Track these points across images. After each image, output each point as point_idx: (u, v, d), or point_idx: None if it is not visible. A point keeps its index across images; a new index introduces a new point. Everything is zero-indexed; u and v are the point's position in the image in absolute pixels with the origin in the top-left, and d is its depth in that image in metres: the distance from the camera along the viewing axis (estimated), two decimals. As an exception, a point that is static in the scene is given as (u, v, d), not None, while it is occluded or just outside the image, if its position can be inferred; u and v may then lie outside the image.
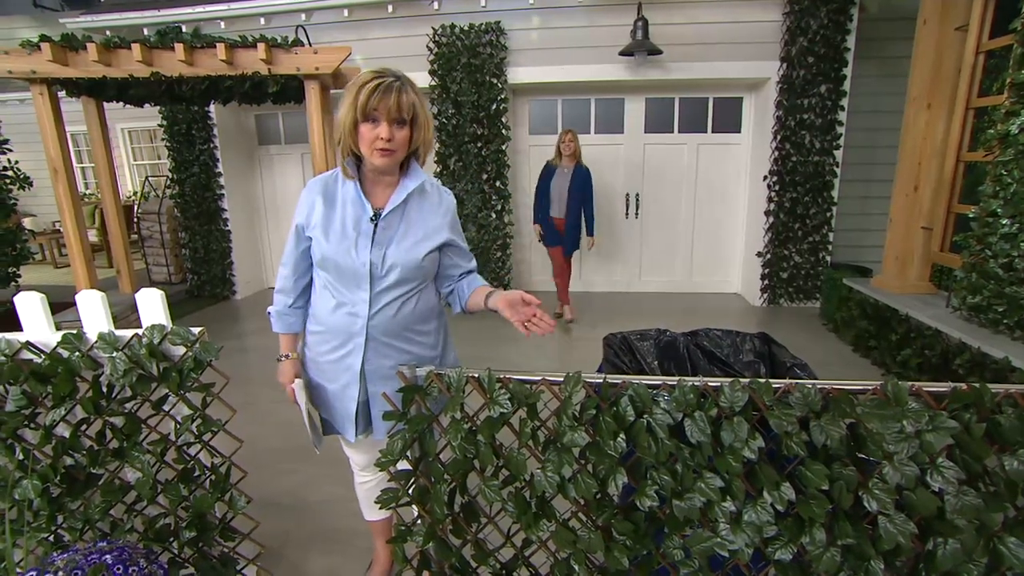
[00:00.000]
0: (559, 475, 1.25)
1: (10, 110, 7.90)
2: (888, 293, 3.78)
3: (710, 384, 1.21)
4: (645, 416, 1.21)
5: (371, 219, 1.37)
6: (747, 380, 1.21)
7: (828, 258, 5.03)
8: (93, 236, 7.07)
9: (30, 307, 1.45)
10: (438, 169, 5.20)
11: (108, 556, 1.34)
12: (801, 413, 1.15)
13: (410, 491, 1.37)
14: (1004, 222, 2.84)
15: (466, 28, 4.87)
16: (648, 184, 5.54)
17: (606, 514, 1.27)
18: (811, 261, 5.04)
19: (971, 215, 3.11)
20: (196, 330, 1.45)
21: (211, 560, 1.62)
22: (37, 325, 1.46)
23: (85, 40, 3.47)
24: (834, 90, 4.66)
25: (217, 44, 3.53)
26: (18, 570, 1.42)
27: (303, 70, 3.69)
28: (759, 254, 5.13)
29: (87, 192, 8.43)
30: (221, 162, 5.58)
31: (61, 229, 4.09)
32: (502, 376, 1.27)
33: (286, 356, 1.52)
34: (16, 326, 1.49)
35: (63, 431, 1.47)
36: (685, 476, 1.20)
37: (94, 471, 1.49)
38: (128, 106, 4.25)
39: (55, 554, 1.34)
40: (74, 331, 1.44)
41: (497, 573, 1.41)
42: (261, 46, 3.55)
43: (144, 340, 1.43)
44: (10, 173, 4.50)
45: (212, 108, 5.40)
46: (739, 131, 5.33)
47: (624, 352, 1.69)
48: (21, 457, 1.46)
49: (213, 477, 1.55)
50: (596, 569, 1.32)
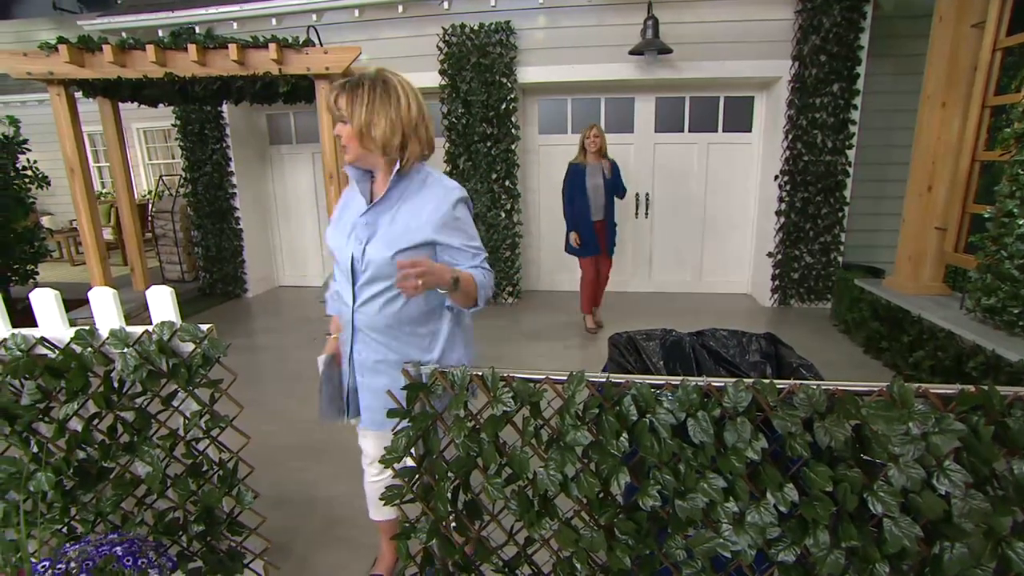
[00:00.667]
0: (562, 474, 1.25)
1: (30, 111, 8.06)
2: (900, 294, 3.73)
3: (714, 384, 1.21)
4: (648, 416, 1.21)
5: (361, 215, 1.42)
6: (751, 380, 1.20)
7: (840, 258, 4.97)
8: (109, 234, 7.19)
9: (45, 304, 1.49)
10: (448, 168, 5.22)
11: (118, 548, 1.37)
12: (805, 414, 1.14)
13: (414, 488, 1.38)
14: (1021, 222, 2.79)
15: (476, 28, 4.88)
16: (658, 184, 5.51)
17: (609, 513, 1.27)
18: (822, 261, 4.98)
19: (986, 215, 3.06)
20: (205, 327, 1.47)
21: (219, 554, 1.64)
22: (51, 321, 1.49)
23: (101, 42, 3.53)
24: (847, 89, 4.59)
25: (229, 45, 3.57)
26: (32, 560, 1.46)
27: (313, 70, 3.72)
28: (770, 254, 5.08)
29: (103, 191, 8.56)
30: (233, 161, 5.65)
31: (77, 227, 4.16)
32: (506, 375, 1.28)
33: (328, 335, 1.67)
34: (34, 322, 1.53)
35: (76, 425, 1.50)
36: (688, 476, 1.19)
37: (106, 465, 1.52)
38: (142, 106, 4.32)
39: (67, 545, 1.37)
40: (87, 327, 1.47)
41: (500, 571, 1.41)
42: (272, 46, 3.58)
43: (154, 336, 1.45)
44: (29, 172, 4.59)
45: (225, 108, 5.46)
46: (750, 130, 5.29)
47: (629, 352, 1.69)
48: (36, 450, 1.49)
49: (221, 472, 1.57)
50: (598, 568, 1.32)
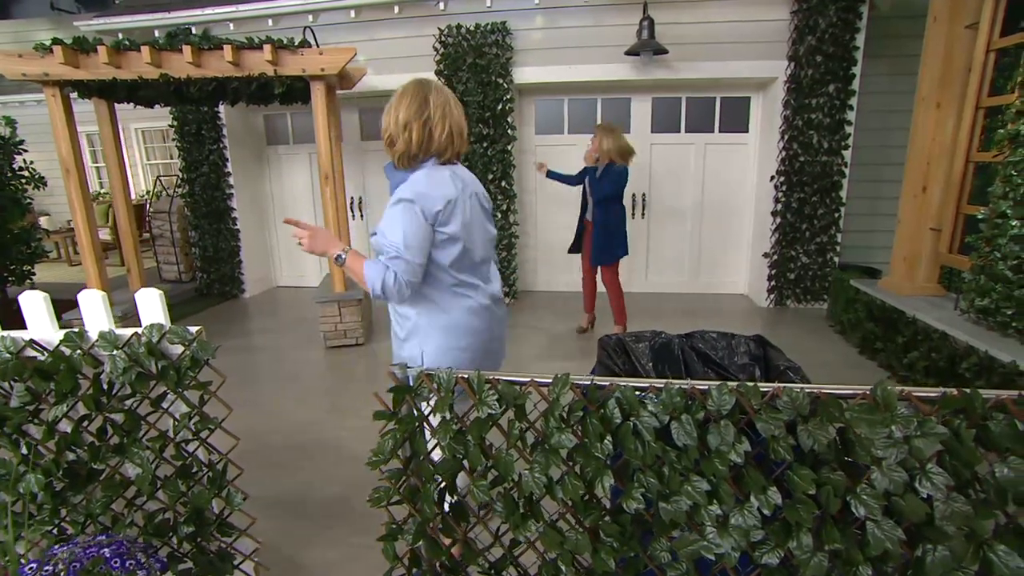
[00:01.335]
0: (546, 476, 1.26)
1: (28, 111, 8.05)
2: (895, 295, 3.73)
3: (697, 387, 1.21)
4: (632, 419, 1.21)
5: None
6: (735, 383, 1.21)
7: (836, 259, 4.97)
8: (106, 235, 7.19)
9: (34, 306, 1.49)
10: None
11: (106, 550, 1.37)
12: (789, 417, 1.15)
13: (401, 490, 1.38)
14: (1014, 223, 2.79)
15: (472, 28, 4.88)
16: (655, 184, 5.52)
17: (593, 516, 1.27)
18: (818, 262, 4.99)
19: (980, 216, 3.07)
20: (194, 329, 1.48)
21: (209, 555, 1.65)
22: (41, 324, 1.50)
23: (96, 43, 3.53)
24: (843, 89, 4.60)
25: (224, 46, 3.56)
26: (21, 562, 1.46)
27: (309, 71, 3.72)
28: (766, 255, 5.09)
29: (102, 191, 8.56)
30: (230, 162, 5.65)
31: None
32: (491, 377, 1.28)
33: None
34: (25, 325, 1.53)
35: (65, 427, 1.51)
36: (672, 479, 1.20)
37: (95, 466, 1.52)
38: (139, 107, 4.32)
39: (55, 547, 1.37)
40: (76, 330, 1.48)
41: (486, 572, 1.42)
42: (267, 47, 3.58)
43: (143, 339, 1.46)
44: (25, 173, 4.59)
45: (221, 108, 5.46)
46: (746, 131, 5.29)
47: (618, 354, 1.69)
48: (25, 452, 1.50)
49: (210, 474, 1.58)
50: (583, 570, 1.32)
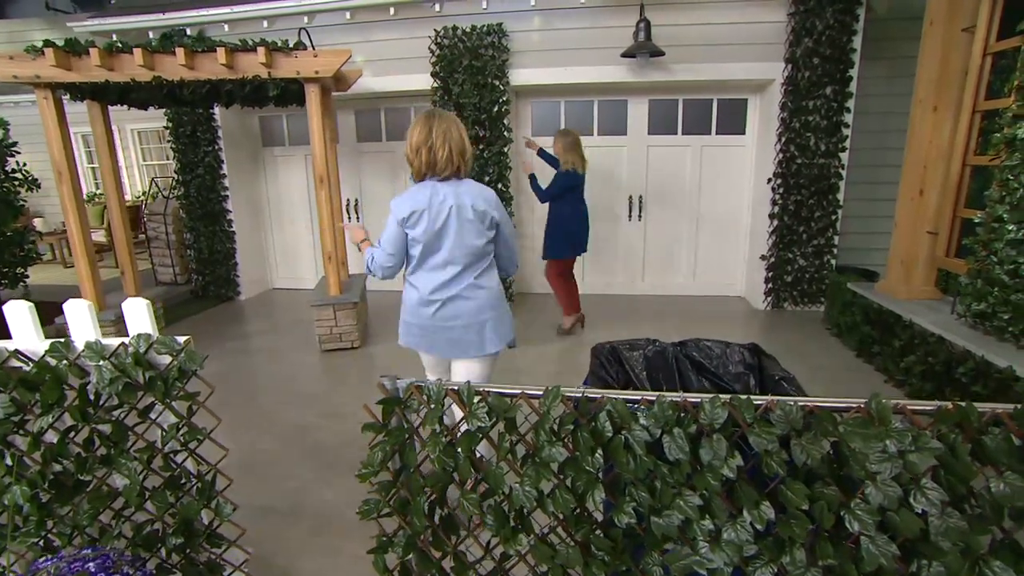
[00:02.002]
0: (537, 490, 1.24)
1: (23, 111, 8.01)
2: (892, 298, 3.73)
3: (690, 400, 1.20)
4: (623, 432, 1.20)
5: None
6: (728, 397, 1.19)
7: (833, 261, 4.96)
8: (101, 236, 7.16)
9: (19, 316, 1.47)
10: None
11: (92, 564, 1.36)
12: (782, 431, 1.13)
13: (391, 502, 1.37)
14: (1010, 228, 2.78)
15: (468, 30, 4.86)
16: (651, 186, 5.50)
17: (584, 529, 1.26)
18: (816, 264, 4.98)
19: (977, 220, 3.06)
20: (182, 339, 1.46)
21: (198, 566, 1.63)
22: (25, 333, 1.48)
23: (88, 45, 3.51)
24: (840, 92, 4.58)
25: (217, 48, 3.54)
26: (7, 575, 1.44)
27: (303, 73, 3.70)
28: (763, 257, 5.07)
29: (97, 192, 8.53)
30: (226, 164, 5.62)
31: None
32: (481, 389, 1.27)
33: None
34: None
35: (52, 438, 1.49)
36: (664, 493, 1.18)
37: (82, 478, 1.50)
38: (133, 108, 4.29)
39: (39, 561, 1.35)
40: (62, 340, 1.46)
41: (477, 586, 1.40)
42: (261, 50, 3.55)
43: (130, 349, 1.44)
44: (18, 175, 4.56)
45: (216, 110, 5.43)
46: (743, 133, 5.28)
47: (612, 363, 1.67)
48: (10, 463, 1.48)
49: (199, 485, 1.56)
50: (575, 584, 1.31)
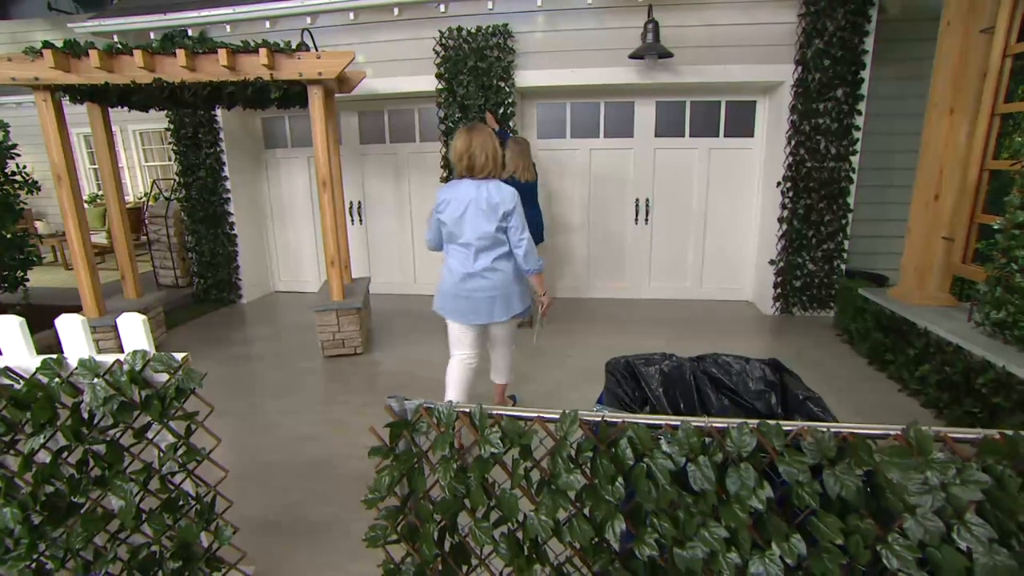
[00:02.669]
0: (553, 519, 1.18)
1: (25, 111, 7.98)
2: (905, 305, 3.65)
3: (715, 426, 1.13)
4: (645, 460, 1.13)
5: None
6: (756, 422, 1.13)
7: (843, 266, 4.88)
8: (103, 238, 7.11)
9: (9, 332, 1.41)
10: (445, 174, 5.14)
11: (84, 593, 1.30)
12: (814, 460, 1.07)
13: (399, 528, 1.30)
14: (1031, 235, 2.71)
15: (473, 31, 4.80)
16: (658, 189, 5.43)
17: (603, 560, 1.19)
18: (825, 269, 4.90)
19: (996, 226, 2.98)
20: (179, 356, 1.40)
21: (196, 590, 1.57)
22: (16, 350, 1.42)
23: (88, 46, 3.44)
24: (851, 94, 4.50)
25: (219, 50, 3.47)
26: (-4, 602, 1.38)
27: (306, 75, 3.64)
28: (772, 262, 5.00)
29: (99, 194, 8.49)
30: (227, 166, 5.57)
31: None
32: (494, 412, 1.20)
33: None
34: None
35: (44, 457, 1.43)
36: (687, 524, 1.12)
37: (75, 499, 1.44)
38: (133, 110, 4.24)
39: (30, 590, 1.29)
40: (54, 356, 1.40)
41: (489, 617, 1.34)
42: (263, 51, 3.49)
43: (125, 367, 1.38)
44: (18, 178, 4.51)
45: (218, 112, 5.37)
46: (752, 135, 5.20)
47: (627, 380, 1.61)
48: (1, 485, 1.42)
49: (198, 507, 1.50)
50: (593, 618, 1.24)
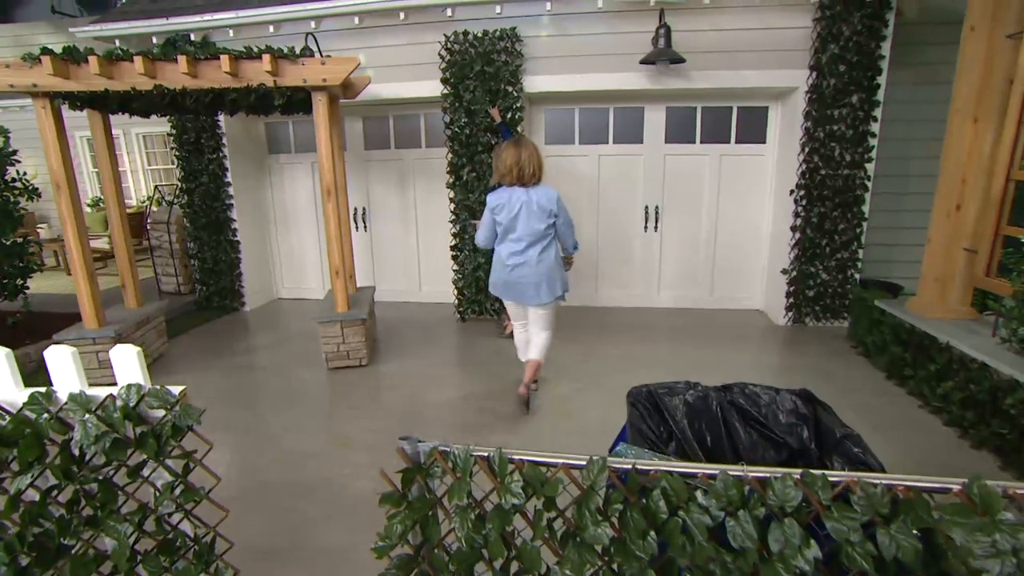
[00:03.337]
0: (579, 575, 1.09)
1: (27, 115, 7.94)
2: (925, 318, 3.55)
3: (755, 476, 1.04)
4: (680, 513, 1.04)
5: None
6: (799, 472, 1.04)
7: (857, 276, 4.78)
8: (104, 243, 7.05)
9: (-3, 363, 1.33)
10: (451, 179, 5.05)
11: (74, 646, 1.21)
12: (866, 517, 0.97)
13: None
14: (1061, 249, 2.61)
15: (480, 35, 4.71)
16: (668, 196, 5.34)
17: (633, 621, 1.10)
18: (839, 279, 4.79)
19: (1023, 239, 2.88)
20: (176, 390, 1.31)
21: (194, 634, 1.48)
22: (3, 383, 1.33)
23: (88, 52, 3.37)
24: (867, 100, 4.40)
25: (221, 56, 3.39)
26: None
27: (310, 81, 3.56)
28: (784, 271, 4.90)
29: (101, 198, 8.43)
30: (230, 171, 5.50)
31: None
32: (515, 458, 1.11)
33: None
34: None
35: (33, 496, 1.34)
36: (726, 584, 1.03)
37: (66, 541, 1.36)
38: (135, 116, 4.17)
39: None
40: (43, 390, 1.31)
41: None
42: (266, 57, 3.41)
43: (119, 402, 1.29)
44: (18, 184, 4.45)
45: (221, 117, 5.31)
46: (764, 142, 5.10)
47: (650, 413, 1.51)
48: (-13, 525, 1.34)
49: (196, 548, 1.41)
50: None
